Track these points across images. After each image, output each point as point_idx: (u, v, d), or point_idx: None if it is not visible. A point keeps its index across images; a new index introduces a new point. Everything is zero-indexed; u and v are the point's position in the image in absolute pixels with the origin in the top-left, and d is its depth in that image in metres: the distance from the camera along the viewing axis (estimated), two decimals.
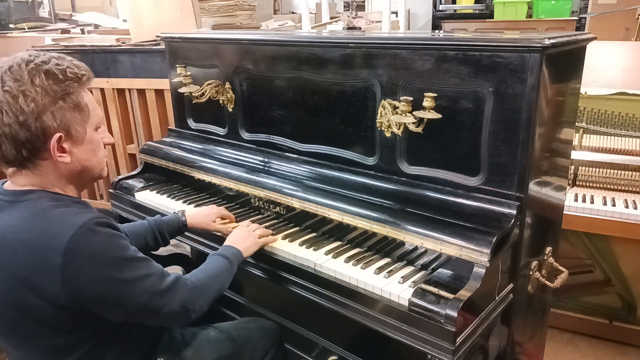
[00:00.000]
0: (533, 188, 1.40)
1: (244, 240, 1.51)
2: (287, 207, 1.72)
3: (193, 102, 2.06)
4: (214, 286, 1.30)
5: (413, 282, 1.33)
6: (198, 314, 1.23)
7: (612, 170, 2.18)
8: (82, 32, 4.92)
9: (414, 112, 1.42)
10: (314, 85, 1.73)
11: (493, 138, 1.37)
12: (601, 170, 2.20)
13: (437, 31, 5.87)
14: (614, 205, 2.07)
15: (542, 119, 1.34)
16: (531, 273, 1.51)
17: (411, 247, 1.44)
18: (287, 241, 1.60)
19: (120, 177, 2.22)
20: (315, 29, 4.23)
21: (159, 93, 3.19)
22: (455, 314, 1.15)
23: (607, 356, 2.30)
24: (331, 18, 4.96)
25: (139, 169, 2.26)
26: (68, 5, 6.86)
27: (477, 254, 1.25)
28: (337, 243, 1.58)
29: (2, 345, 1.19)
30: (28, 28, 5.27)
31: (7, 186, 1.15)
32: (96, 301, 1.08)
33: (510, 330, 1.51)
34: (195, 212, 1.69)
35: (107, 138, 1.22)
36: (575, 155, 2.18)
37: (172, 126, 2.35)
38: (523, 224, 1.38)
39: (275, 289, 1.62)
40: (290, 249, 1.56)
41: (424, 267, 1.42)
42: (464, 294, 1.20)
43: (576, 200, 2.12)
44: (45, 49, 3.65)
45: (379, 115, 1.55)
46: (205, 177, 1.96)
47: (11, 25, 5.58)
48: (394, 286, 1.32)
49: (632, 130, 2.17)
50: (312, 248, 1.55)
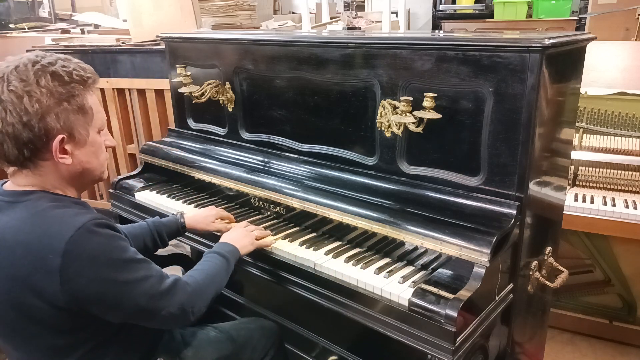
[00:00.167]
0: (533, 188, 1.40)
1: (241, 238, 1.51)
2: (287, 207, 1.72)
3: (193, 102, 2.06)
4: (212, 287, 1.30)
5: (413, 282, 1.33)
6: (197, 316, 1.23)
7: (612, 170, 2.18)
8: (82, 32, 4.92)
9: (414, 112, 1.42)
10: (314, 85, 1.73)
11: (493, 138, 1.37)
12: (601, 170, 2.20)
13: (437, 31, 5.87)
14: (614, 205, 2.07)
15: (542, 119, 1.34)
16: (531, 273, 1.51)
17: (411, 247, 1.44)
18: (287, 241, 1.60)
19: (120, 177, 2.21)
20: (315, 29, 4.22)
21: (159, 93, 3.19)
22: (455, 314, 1.15)
23: (607, 356, 2.30)
24: (331, 18, 4.96)
25: (139, 169, 2.26)
26: (68, 5, 6.86)
27: (477, 254, 1.25)
28: (337, 243, 1.58)
29: (2, 346, 1.19)
30: (28, 28, 5.27)
31: (7, 187, 1.15)
32: (95, 302, 1.07)
33: (510, 330, 1.51)
34: (194, 214, 1.69)
35: (109, 141, 1.22)
36: (575, 155, 2.18)
37: (172, 126, 2.35)
38: (523, 224, 1.38)
39: (275, 289, 1.62)
40: (290, 249, 1.56)
41: (424, 267, 1.42)
42: (464, 294, 1.20)
43: (576, 200, 2.12)
44: (46, 49, 3.65)
45: (379, 115, 1.55)
46: (205, 177, 1.96)
47: (11, 25, 5.58)
48: (394, 286, 1.32)
49: (632, 130, 2.17)
50: (312, 248, 1.55)
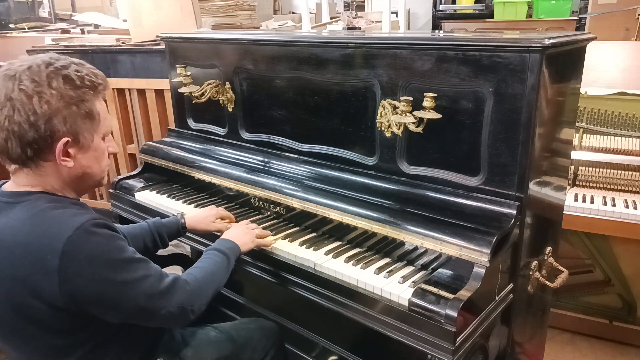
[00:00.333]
0: (533, 188, 1.40)
1: (241, 235, 1.51)
2: (287, 207, 1.72)
3: (193, 102, 2.06)
4: (212, 285, 1.29)
5: (413, 282, 1.33)
6: (196, 314, 1.23)
7: (612, 170, 2.18)
8: (82, 32, 4.92)
9: (414, 112, 1.42)
10: (314, 85, 1.73)
11: (493, 138, 1.37)
12: (601, 170, 2.20)
13: (437, 31, 5.87)
14: (614, 205, 2.07)
15: (542, 119, 1.34)
16: (531, 273, 1.51)
17: (411, 247, 1.44)
18: (287, 241, 1.60)
19: (120, 177, 2.21)
20: (315, 29, 4.22)
21: (159, 93, 3.19)
22: (455, 314, 1.15)
23: (607, 356, 2.30)
24: (331, 18, 4.96)
25: (139, 169, 2.26)
26: (68, 5, 6.86)
27: (477, 254, 1.25)
28: (337, 243, 1.58)
29: (2, 346, 1.19)
30: (28, 28, 5.27)
31: (6, 187, 1.15)
32: (94, 302, 1.07)
33: (510, 330, 1.51)
34: (195, 214, 1.69)
35: (112, 147, 1.22)
36: (575, 155, 2.17)
37: (172, 126, 2.35)
38: (523, 224, 1.38)
39: (276, 289, 1.62)
40: (290, 249, 1.56)
41: (424, 267, 1.42)
42: (464, 294, 1.20)
43: (576, 200, 2.12)
44: (46, 49, 3.65)
45: (379, 115, 1.55)
46: (205, 177, 1.96)
47: (11, 25, 5.58)
48: (394, 286, 1.32)
49: (632, 130, 2.17)
50: (312, 248, 1.55)
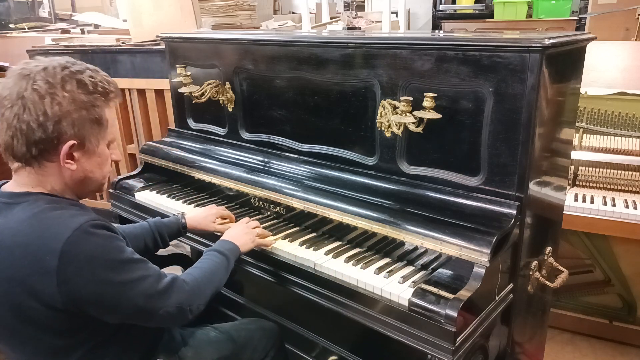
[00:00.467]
0: (533, 188, 1.40)
1: (241, 236, 1.51)
2: (287, 207, 1.72)
3: (193, 102, 2.06)
4: (210, 285, 1.29)
5: (413, 282, 1.33)
6: (195, 314, 1.23)
7: (612, 170, 2.18)
8: (82, 32, 4.92)
9: (414, 112, 1.42)
10: (314, 85, 1.73)
11: (493, 138, 1.37)
12: (601, 170, 2.20)
13: (437, 31, 5.87)
14: (614, 205, 2.07)
15: (542, 119, 1.34)
16: (531, 273, 1.51)
17: (411, 247, 1.44)
18: (287, 241, 1.60)
19: (120, 177, 2.21)
20: (315, 29, 4.22)
21: (159, 93, 3.18)
22: (455, 314, 1.15)
23: (607, 356, 2.30)
24: (331, 18, 4.96)
25: (139, 169, 2.26)
26: (68, 5, 6.86)
27: (477, 254, 1.25)
28: (337, 243, 1.58)
29: (1, 347, 1.19)
30: (28, 28, 5.27)
31: (6, 188, 1.15)
32: (92, 303, 1.07)
33: (510, 330, 1.51)
34: (195, 214, 1.69)
35: (115, 155, 1.23)
36: (575, 155, 2.17)
37: (172, 126, 2.35)
38: (523, 224, 1.38)
39: (276, 289, 1.62)
40: (290, 249, 1.56)
41: (424, 267, 1.42)
42: (464, 294, 1.20)
43: (576, 200, 2.12)
44: (46, 49, 3.65)
45: (379, 115, 1.55)
46: (205, 177, 1.96)
47: (11, 25, 5.58)
48: (394, 286, 1.32)
49: (632, 130, 2.17)
50: (312, 248, 1.55)
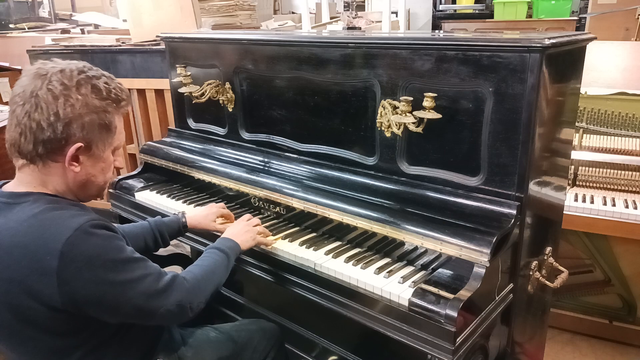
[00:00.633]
0: (533, 188, 1.40)
1: (242, 233, 1.51)
2: (287, 207, 1.72)
3: (193, 102, 2.06)
4: (211, 283, 1.30)
5: (413, 282, 1.33)
6: (195, 312, 1.24)
7: (612, 170, 2.18)
8: (82, 32, 4.92)
9: (414, 112, 1.42)
10: (314, 85, 1.73)
11: (493, 138, 1.37)
12: (601, 170, 2.20)
13: (437, 31, 5.87)
14: (614, 205, 2.07)
15: (542, 119, 1.34)
16: (531, 273, 1.51)
17: (411, 247, 1.44)
18: (287, 241, 1.60)
19: (120, 177, 2.21)
20: (315, 29, 4.22)
21: (159, 93, 3.18)
22: (455, 314, 1.15)
23: (607, 356, 2.30)
24: (331, 18, 4.96)
25: (139, 169, 2.26)
26: (68, 5, 6.86)
27: (477, 254, 1.25)
28: (337, 243, 1.58)
29: (1, 347, 1.19)
30: (28, 28, 5.28)
31: (7, 187, 1.16)
32: (93, 303, 1.07)
33: (510, 330, 1.51)
34: (195, 213, 1.69)
35: (119, 162, 1.24)
36: (575, 155, 2.18)
37: (172, 126, 2.35)
38: (523, 224, 1.38)
39: (276, 289, 1.62)
40: (290, 249, 1.56)
41: (424, 267, 1.42)
42: (464, 294, 1.20)
43: (576, 200, 2.12)
44: (46, 49, 3.65)
45: (379, 115, 1.55)
46: (205, 177, 1.96)
47: (11, 25, 5.59)
48: (394, 286, 1.32)
49: (632, 130, 2.17)
50: (312, 248, 1.55)
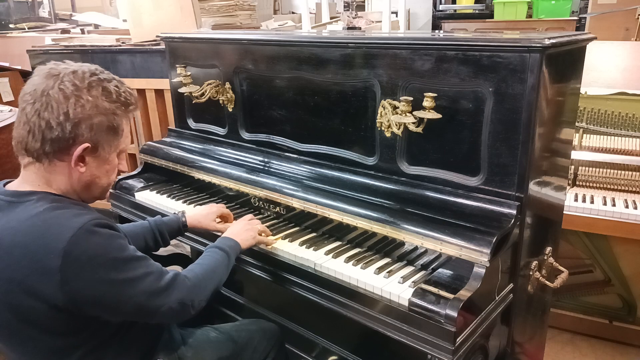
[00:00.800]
0: (533, 188, 1.40)
1: (242, 232, 1.51)
2: (287, 207, 1.72)
3: (193, 102, 2.06)
4: (212, 281, 1.31)
5: (413, 282, 1.33)
6: (197, 310, 1.24)
7: (612, 170, 2.18)
8: (82, 32, 4.93)
9: (414, 112, 1.41)
10: (314, 85, 1.73)
11: (493, 138, 1.37)
12: (601, 170, 2.20)
13: (437, 31, 5.87)
14: (614, 205, 2.07)
15: (542, 119, 1.34)
16: (531, 273, 1.51)
17: (411, 247, 1.44)
18: (287, 241, 1.60)
19: (120, 177, 2.21)
20: (315, 29, 4.22)
21: (159, 93, 3.19)
22: (455, 314, 1.15)
23: (607, 356, 2.30)
24: (331, 18, 4.96)
25: (139, 169, 2.26)
26: (68, 5, 6.87)
27: (477, 254, 1.25)
28: (337, 243, 1.58)
29: (1, 347, 1.19)
30: (28, 28, 5.28)
31: (10, 186, 1.16)
32: (95, 302, 1.08)
33: (510, 330, 1.51)
34: (195, 212, 1.69)
35: (122, 166, 1.25)
36: (575, 155, 2.18)
37: (172, 126, 2.35)
38: (523, 224, 1.38)
39: (276, 289, 1.62)
40: (290, 249, 1.56)
41: (424, 267, 1.42)
42: (464, 294, 1.20)
43: (576, 200, 2.12)
44: (46, 49, 3.65)
45: (379, 115, 1.55)
46: (205, 177, 1.96)
47: (11, 25, 5.59)
48: (394, 286, 1.32)
49: (632, 130, 2.17)
50: (312, 248, 1.55)
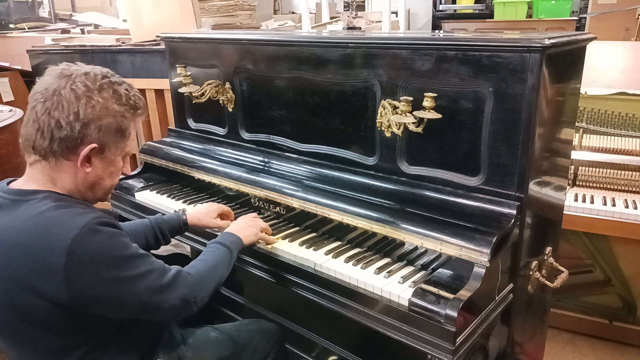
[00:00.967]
0: (533, 188, 1.40)
1: (244, 228, 1.52)
2: (287, 207, 1.72)
3: (193, 102, 2.06)
4: (214, 277, 1.31)
5: (413, 282, 1.33)
6: (199, 306, 1.25)
7: (612, 170, 2.18)
8: (82, 32, 4.93)
9: (414, 112, 1.42)
10: (314, 85, 1.73)
11: (493, 138, 1.37)
12: (601, 170, 2.20)
13: (437, 31, 5.86)
14: (614, 205, 2.07)
15: (542, 119, 1.34)
16: (531, 273, 1.51)
17: (411, 247, 1.44)
18: (287, 241, 1.60)
19: (120, 177, 2.21)
20: (315, 29, 4.22)
21: (159, 93, 3.19)
22: (455, 314, 1.15)
23: (607, 356, 2.30)
24: (331, 18, 4.96)
25: (139, 169, 2.26)
26: (68, 5, 6.87)
27: (477, 254, 1.25)
28: (337, 243, 1.58)
29: (2, 346, 1.19)
30: (28, 28, 5.28)
31: (14, 185, 1.16)
32: (98, 300, 1.08)
33: (510, 330, 1.51)
34: (196, 210, 1.69)
35: (126, 169, 1.27)
36: (575, 155, 2.18)
37: (172, 126, 2.35)
38: (523, 224, 1.38)
39: (276, 289, 1.62)
40: (290, 249, 1.56)
41: (424, 267, 1.42)
42: (464, 294, 1.20)
43: (576, 200, 2.12)
44: (46, 49, 3.65)
45: (379, 115, 1.55)
46: (205, 177, 1.96)
47: (11, 25, 5.59)
48: (394, 286, 1.32)
49: (632, 130, 2.17)
50: (312, 248, 1.55)
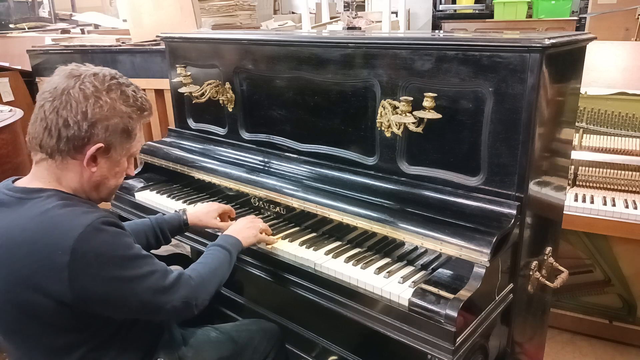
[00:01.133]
0: (533, 188, 1.40)
1: (244, 230, 1.52)
2: (287, 207, 1.72)
3: (193, 102, 2.06)
4: (214, 279, 1.32)
5: (413, 282, 1.33)
6: (200, 308, 1.25)
7: (612, 170, 2.18)
8: (82, 32, 4.93)
9: (414, 112, 1.42)
10: (314, 85, 1.73)
11: (493, 138, 1.37)
12: (601, 170, 2.20)
13: (437, 31, 5.86)
14: (614, 205, 2.07)
15: (542, 119, 1.34)
16: (531, 273, 1.51)
17: (411, 247, 1.44)
18: (287, 241, 1.60)
19: None
20: (315, 29, 4.22)
21: (159, 93, 3.19)
22: (455, 314, 1.15)
23: (607, 356, 2.30)
24: (331, 18, 4.96)
25: (138, 169, 2.26)
26: (68, 5, 6.87)
27: (477, 254, 1.25)
28: (337, 243, 1.58)
29: (4, 344, 1.20)
30: (28, 28, 5.28)
31: (19, 183, 1.17)
32: (101, 299, 1.09)
33: (510, 330, 1.51)
34: (196, 210, 1.69)
35: (130, 170, 1.27)
36: (575, 155, 2.18)
37: (172, 126, 2.35)
38: (523, 224, 1.38)
39: (276, 289, 1.62)
40: (290, 249, 1.56)
41: (424, 267, 1.42)
42: (464, 294, 1.20)
43: (576, 200, 2.12)
44: (46, 49, 3.65)
45: (379, 115, 1.55)
46: (205, 177, 1.96)
47: (11, 25, 5.59)
48: (394, 286, 1.32)
49: (632, 130, 2.17)
50: (312, 248, 1.55)
